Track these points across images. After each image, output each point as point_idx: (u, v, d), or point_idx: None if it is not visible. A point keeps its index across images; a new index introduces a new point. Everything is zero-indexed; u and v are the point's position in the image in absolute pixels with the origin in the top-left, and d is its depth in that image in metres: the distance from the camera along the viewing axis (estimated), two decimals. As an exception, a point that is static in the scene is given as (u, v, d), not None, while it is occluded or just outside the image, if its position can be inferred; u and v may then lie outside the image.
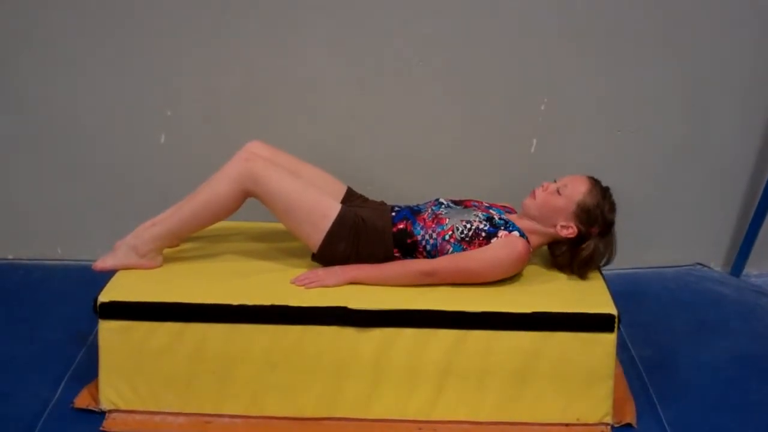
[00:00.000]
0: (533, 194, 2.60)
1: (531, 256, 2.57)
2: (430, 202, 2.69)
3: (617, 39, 3.12)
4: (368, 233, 2.57)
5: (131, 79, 3.17)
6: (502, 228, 2.52)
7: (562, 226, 2.56)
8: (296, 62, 3.14)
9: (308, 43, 3.12)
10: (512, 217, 2.64)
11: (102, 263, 2.57)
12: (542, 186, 2.61)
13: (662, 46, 3.14)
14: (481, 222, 2.54)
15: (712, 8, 3.10)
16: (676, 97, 3.21)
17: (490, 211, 2.61)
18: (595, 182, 2.59)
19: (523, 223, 2.58)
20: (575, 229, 2.55)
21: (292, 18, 3.09)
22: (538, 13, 3.08)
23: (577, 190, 2.55)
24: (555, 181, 2.60)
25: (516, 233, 2.51)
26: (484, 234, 2.51)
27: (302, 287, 2.50)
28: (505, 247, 2.49)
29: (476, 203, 2.68)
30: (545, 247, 2.71)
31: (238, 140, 2.70)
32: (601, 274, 2.65)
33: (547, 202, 2.57)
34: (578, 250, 2.57)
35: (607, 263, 2.62)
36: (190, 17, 3.09)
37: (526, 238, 2.53)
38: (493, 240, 2.50)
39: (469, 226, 2.53)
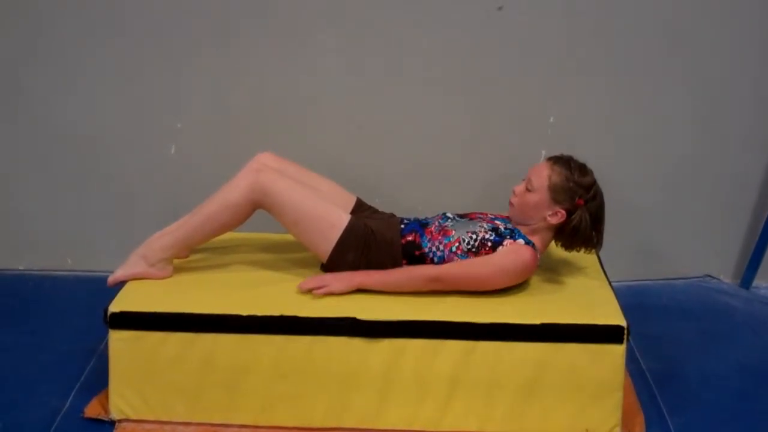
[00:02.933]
0: (510, 204, 2.62)
1: (539, 262, 2.57)
2: (437, 216, 2.70)
3: (627, 50, 3.13)
4: (378, 244, 2.57)
5: (141, 91, 3.19)
6: (508, 237, 2.53)
7: (551, 215, 2.55)
8: (305, 74, 3.16)
9: (317, 55, 3.14)
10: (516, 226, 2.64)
11: (113, 277, 2.58)
12: (513, 193, 2.62)
13: (672, 58, 3.14)
14: (486, 232, 2.54)
15: (720, 21, 3.11)
16: (685, 109, 3.22)
17: (496, 221, 2.61)
18: (554, 160, 2.58)
19: (522, 230, 2.58)
20: (563, 212, 2.55)
21: (301, 30, 3.11)
22: (547, 26, 3.09)
23: (542, 177, 2.55)
24: (523, 180, 2.61)
25: (521, 241, 2.52)
26: (490, 244, 2.52)
27: (309, 293, 2.49)
28: (510, 254, 2.50)
29: (481, 215, 2.69)
30: (552, 258, 2.72)
31: (247, 152, 2.71)
32: (610, 285, 2.65)
33: (524, 205, 2.58)
34: (570, 226, 2.55)
35: (599, 224, 2.59)
36: (200, 30, 3.11)
37: (533, 245, 2.53)
38: (499, 249, 2.51)
39: (475, 236, 2.53)
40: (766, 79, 3.20)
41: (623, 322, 2.39)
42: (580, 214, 2.53)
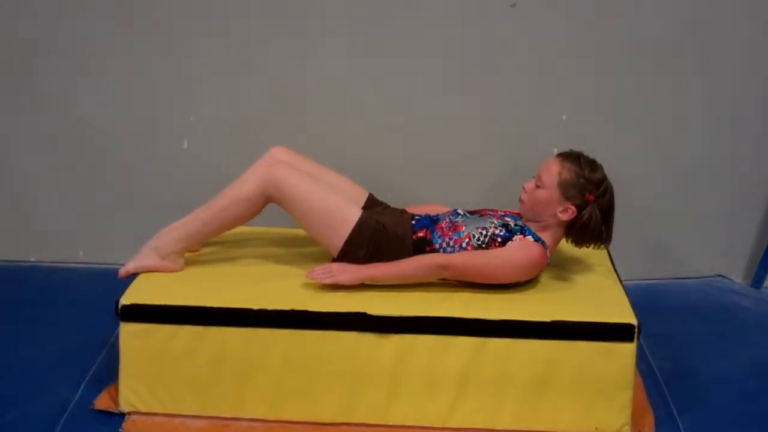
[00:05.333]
0: (520, 201, 2.62)
1: (549, 260, 2.57)
2: (448, 212, 2.70)
3: (640, 51, 3.12)
4: (389, 240, 2.57)
5: (154, 84, 3.19)
6: (518, 233, 2.53)
7: (561, 212, 2.55)
8: (319, 68, 3.16)
9: (331, 49, 3.14)
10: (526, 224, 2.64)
11: (124, 269, 2.59)
12: (523, 190, 2.61)
13: (685, 58, 3.13)
14: (496, 228, 2.54)
15: (735, 21, 3.10)
16: (698, 109, 3.21)
17: (506, 218, 2.61)
18: (564, 156, 2.58)
19: (533, 227, 2.58)
20: (573, 208, 2.54)
21: (315, 24, 3.11)
22: (561, 23, 3.09)
23: (552, 174, 2.55)
24: (533, 177, 2.60)
25: (531, 238, 2.52)
26: (499, 239, 2.51)
27: (319, 285, 2.49)
28: (520, 249, 2.50)
29: (491, 212, 2.69)
30: (563, 255, 2.72)
31: (260, 146, 2.72)
32: (621, 283, 2.64)
33: (534, 202, 2.58)
34: (580, 222, 2.54)
35: (609, 220, 2.58)
36: (214, 22, 3.12)
37: (543, 242, 2.53)
38: (509, 244, 2.51)
39: (485, 232, 2.53)
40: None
41: (634, 321, 2.39)
42: (591, 210, 2.53)
